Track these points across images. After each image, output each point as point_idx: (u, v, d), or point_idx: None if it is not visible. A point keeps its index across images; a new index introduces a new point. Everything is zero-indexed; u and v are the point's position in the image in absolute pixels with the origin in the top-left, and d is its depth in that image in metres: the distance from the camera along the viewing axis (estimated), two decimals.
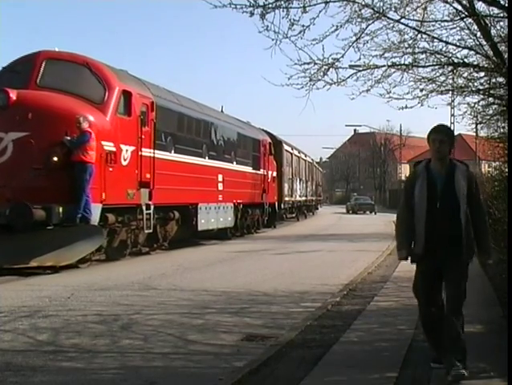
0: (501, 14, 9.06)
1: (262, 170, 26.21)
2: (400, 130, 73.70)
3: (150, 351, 6.23)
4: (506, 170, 9.56)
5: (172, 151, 17.06)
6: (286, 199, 32.45)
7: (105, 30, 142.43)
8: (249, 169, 24.42)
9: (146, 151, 15.25)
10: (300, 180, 38.19)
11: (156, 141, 15.86)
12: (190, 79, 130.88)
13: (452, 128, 5.32)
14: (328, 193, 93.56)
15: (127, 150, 14.42)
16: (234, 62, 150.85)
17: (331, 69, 9.57)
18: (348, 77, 9.83)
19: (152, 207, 15.43)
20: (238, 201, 22.72)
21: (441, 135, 5.23)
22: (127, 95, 14.57)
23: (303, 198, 40.16)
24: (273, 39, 8.80)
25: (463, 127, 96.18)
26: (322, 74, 9.61)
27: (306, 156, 42.13)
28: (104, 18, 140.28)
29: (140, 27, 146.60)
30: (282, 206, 31.20)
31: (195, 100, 20.68)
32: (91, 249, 12.89)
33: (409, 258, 5.44)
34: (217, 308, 8.64)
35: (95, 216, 13.00)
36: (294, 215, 37.30)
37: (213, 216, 20.08)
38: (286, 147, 32.66)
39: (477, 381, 5.17)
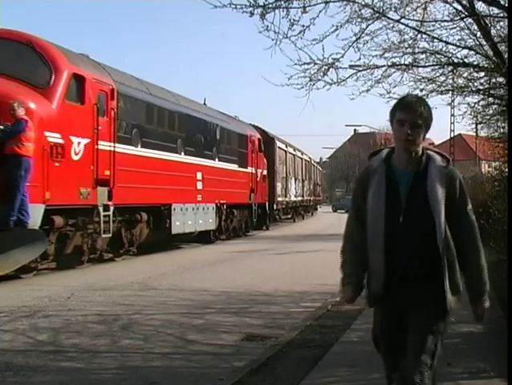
0: (501, 14, 9.06)
1: (249, 168, 24.29)
2: None
3: (150, 351, 6.23)
4: (506, 170, 9.56)
5: (139, 146, 15.28)
6: (280, 199, 30.86)
7: (105, 30, 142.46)
8: (234, 167, 22.48)
9: (104, 145, 13.47)
10: (296, 179, 36.52)
11: (118, 133, 14.17)
12: (190, 78, 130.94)
13: (427, 103, 3.45)
14: (328, 193, 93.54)
15: (79, 143, 12.60)
16: (234, 62, 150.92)
17: (331, 69, 9.57)
18: (348, 77, 9.83)
19: (111, 208, 13.70)
20: (221, 201, 21.01)
21: (414, 114, 3.30)
22: (79, 80, 12.78)
23: (300, 198, 38.52)
24: (273, 39, 8.79)
25: (463, 127, 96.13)
26: (322, 74, 9.61)
27: (302, 154, 40.43)
28: (104, 18, 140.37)
29: (139, 27, 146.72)
30: (275, 207, 29.54)
31: (170, 90, 18.91)
32: (31, 257, 10.95)
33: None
34: (217, 308, 8.64)
35: (34, 219, 11.06)
36: (289, 216, 36.05)
37: (191, 217, 18.26)
38: (278, 144, 30.90)
39: (477, 381, 5.17)
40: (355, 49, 9.50)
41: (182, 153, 17.83)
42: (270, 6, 8.53)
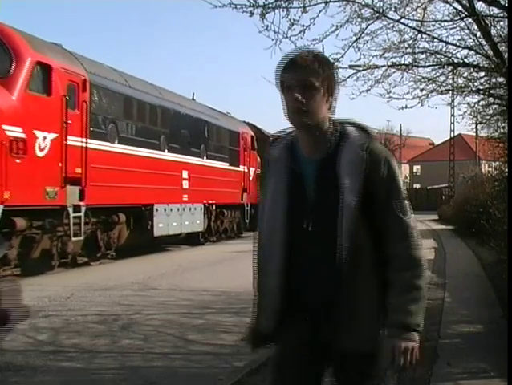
0: (501, 14, 9.06)
1: (241, 166, 23.02)
2: (400, 130, 73.72)
3: (150, 351, 6.23)
4: (506, 170, 9.57)
5: (116, 142, 14.24)
6: None
7: (105, 30, 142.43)
8: (224, 165, 21.27)
9: (75, 140, 12.42)
10: None
11: (91, 128, 13.09)
12: (190, 78, 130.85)
13: (327, 58, 2.57)
14: None
15: (44, 137, 11.56)
16: (234, 62, 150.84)
17: None
18: (348, 77, 9.82)
19: (83, 209, 12.66)
20: (210, 202, 19.86)
21: (303, 72, 2.35)
22: (45, 69, 11.79)
23: None
24: (273, 39, 8.78)
25: (463, 127, 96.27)
26: None
27: None
28: (104, 17, 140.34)
29: (139, 27, 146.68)
30: None
31: (153, 84, 17.76)
32: None
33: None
34: (217, 308, 8.64)
35: None
36: None
37: (176, 218, 17.11)
38: None
39: (477, 381, 5.16)
40: (355, 49, 9.49)
41: (166, 150, 16.75)
42: (270, 5, 8.53)
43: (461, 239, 21.15)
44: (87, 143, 12.88)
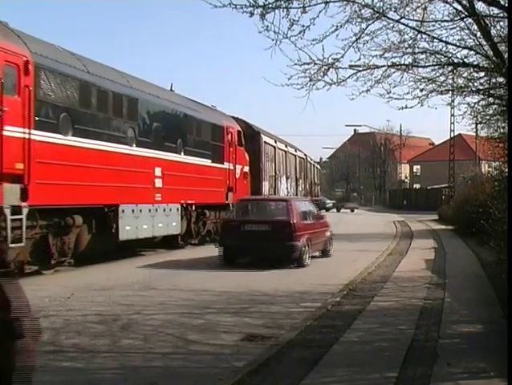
0: (501, 14, 9.07)
1: (226, 163, 20.99)
2: (400, 130, 73.73)
3: (150, 351, 6.23)
4: (506, 170, 9.57)
5: (70, 134, 12.40)
6: None
7: (104, 30, 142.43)
8: (206, 162, 19.30)
9: (14, 131, 10.77)
10: (288, 177, 33.23)
11: (38, 118, 11.38)
12: (190, 78, 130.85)
13: None
14: (328, 193, 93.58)
15: None
16: (234, 62, 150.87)
17: (330, 69, 9.58)
18: (348, 77, 9.84)
19: (25, 210, 10.90)
20: (189, 202, 18.00)
21: None
22: None
23: None
24: (273, 39, 8.80)
25: (463, 127, 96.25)
26: (322, 74, 9.62)
27: (296, 150, 37.01)
28: (103, 17, 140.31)
29: (139, 27, 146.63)
30: None
31: (121, 71, 15.88)
32: None
33: None
34: (217, 308, 8.64)
35: None
36: None
37: (147, 220, 15.22)
38: (265, 138, 27.22)
39: (478, 381, 5.17)
40: (355, 49, 9.51)
41: (134, 145, 14.83)
42: (270, 6, 8.54)
43: (461, 239, 21.15)
44: (30, 134, 11.08)
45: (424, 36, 9.87)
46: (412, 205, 59.60)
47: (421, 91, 10.32)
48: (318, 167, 55.44)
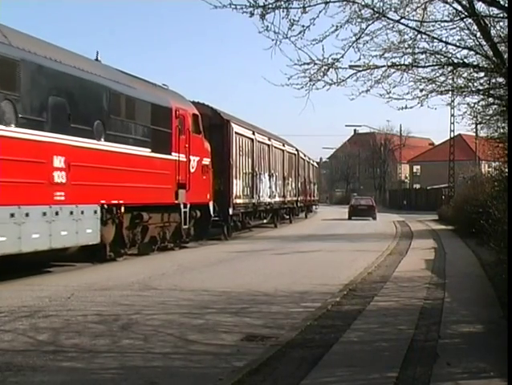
0: (501, 15, 9.08)
1: (175, 154, 16.73)
2: (400, 130, 73.71)
3: (150, 351, 6.23)
4: (506, 170, 9.58)
5: None
6: (239, 201, 23.01)
7: (105, 30, 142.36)
8: (143, 151, 15.14)
9: None
10: (272, 175, 28.47)
11: None
12: (190, 78, 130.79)
13: None
14: (328, 193, 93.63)
15: None
16: (234, 63, 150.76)
17: (330, 69, 9.59)
18: (348, 77, 9.85)
19: None
20: (114, 201, 13.92)
21: None
22: None
23: (279, 199, 30.26)
24: (273, 40, 8.82)
25: (463, 127, 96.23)
26: (322, 74, 9.63)
27: (285, 145, 32.60)
28: (104, 17, 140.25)
29: (139, 27, 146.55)
30: (231, 211, 21.68)
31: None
32: None
33: None
34: (217, 308, 8.64)
35: None
36: (265, 221, 28.49)
37: (38, 227, 11.30)
38: (237, 128, 22.88)
39: (477, 381, 5.17)
40: (355, 49, 9.53)
41: (13, 125, 10.82)
42: (270, 6, 8.55)
43: (460, 239, 21.16)
44: None
45: (424, 36, 9.88)
46: (412, 205, 59.61)
47: (421, 91, 10.34)
48: (315, 164, 50.77)
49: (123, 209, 14.43)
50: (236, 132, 22.62)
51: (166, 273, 12.61)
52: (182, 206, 17.12)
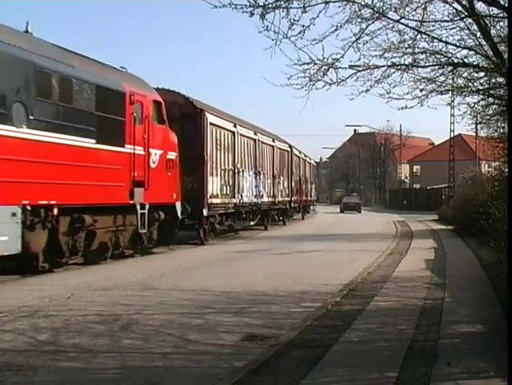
0: (501, 14, 9.08)
1: (129, 147, 14.24)
2: (400, 130, 73.74)
3: (150, 351, 6.23)
4: (506, 170, 9.58)
5: None
6: (216, 201, 20.45)
7: (105, 30, 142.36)
8: (85, 142, 12.63)
9: None
10: (259, 173, 25.92)
11: None
12: (190, 78, 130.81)
13: None
14: (328, 193, 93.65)
15: None
16: (234, 63, 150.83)
17: (330, 69, 9.60)
18: (348, 77, 9.86)
19: None
20: (44, 202, 11.48)
21: None
22: None
23: (268, 199, 27.78)
24: (273, 39, 8.83)
25: (463, 127, 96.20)
26: (321, 74, 9.64)
27: (275, 140, 29.93)
28: (104, 17, 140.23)
29: (139, 27, 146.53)
30: (206, 212, 19.16)
31: None
32: None
33: None
34: (217, 308, 8.64)
35: None
36: (252, 223, 26.19)
37: None
38: (213, 119, 20.23)
39: (477, 381, 5.17)
40: (355, 49, 9.54)
41: None
42: (270, 6, 8.56)
43: (460, 239, 21.15)
44: None
45: (424, 36, 9.89)
46: (412, 205, 59.62)
47: (421, 91, 10.35)
48: (313, 162, 47.92)
49: (56, 211, 11.81)
50: (211, 123, 19.96)
51: (166, 273, 12.60)
52: (139, 207, 14.75)
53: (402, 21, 9.48)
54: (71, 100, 12.35)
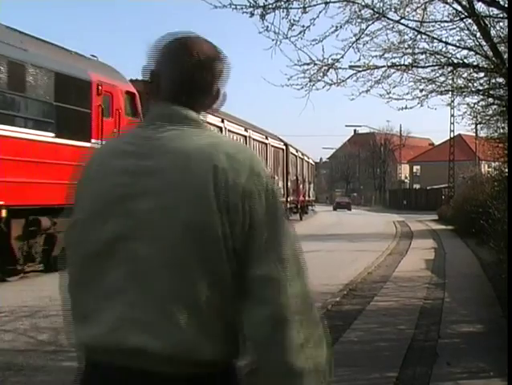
0: (501, 15, 9.09)
1: (97, 142, 12.36)
2: (400, 130, 73.77)
3: None
4: (506, 170, 9.60)
5: None
6: None
7: (105, 29, 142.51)
8: (42, 136, 11.36)
9: None
10: None
11: None
12: None
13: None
14: (328, 193, 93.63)
15: None
16: (234, 63, 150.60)
17: (330, 69, 9.61)
18: (348, 77, 9.88)
19: None
20: None
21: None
22: None
23: None
24: (273, 40, 8.85)
25: (463, 127, 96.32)
26: (321, 74, 9.65)
27: (268, 137, 28.88)
28: (104, 17, 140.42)
29: (139, 27, 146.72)
30: None
31: None
32: None
33: None
34: None
35: None
36: None
37: None
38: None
39: (477, 381, 5.18)
40: (355, 49, 9.55)
41: None
42: (270, 6, 8.57)
43: (460, 239, 21.15)
44: None
45: (423, 36, 9.90)
46: (412, 205, 59.61)
47: (421, 91, 10.36)
48: (311, 161, 45.97)
49: (4, 213, 10.40)
50: None
51: None
52: None
53: (402, 21, 9.50)
54: (23, 89, 11.00)
